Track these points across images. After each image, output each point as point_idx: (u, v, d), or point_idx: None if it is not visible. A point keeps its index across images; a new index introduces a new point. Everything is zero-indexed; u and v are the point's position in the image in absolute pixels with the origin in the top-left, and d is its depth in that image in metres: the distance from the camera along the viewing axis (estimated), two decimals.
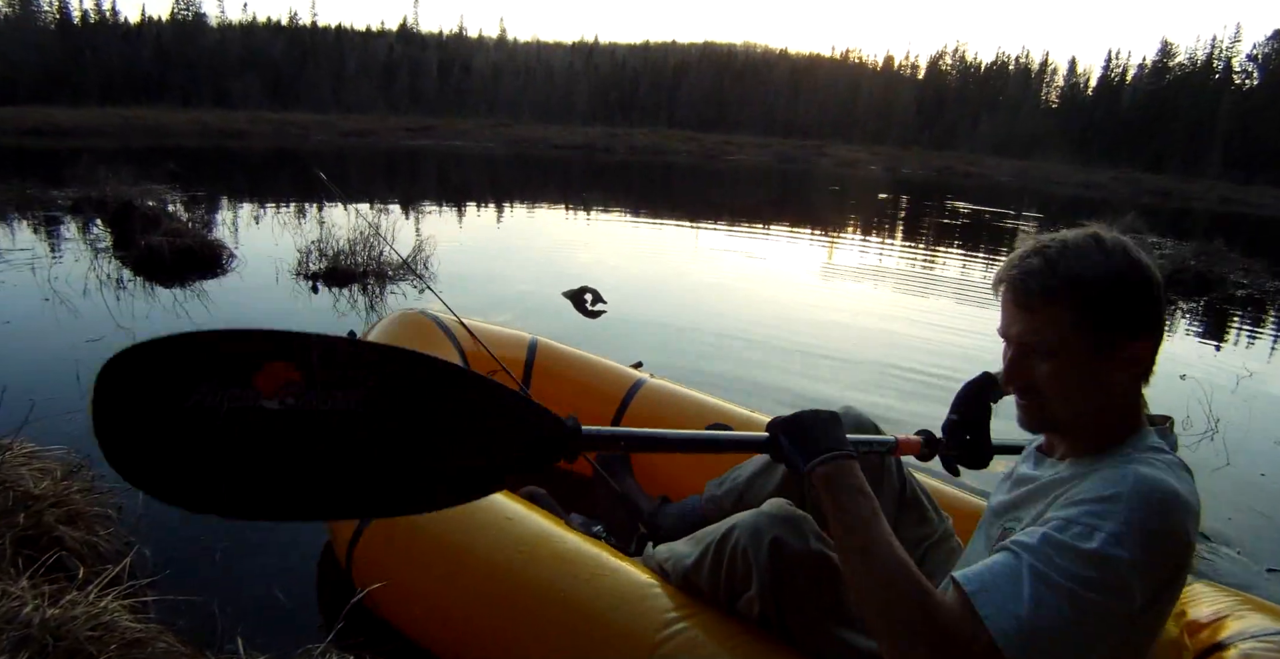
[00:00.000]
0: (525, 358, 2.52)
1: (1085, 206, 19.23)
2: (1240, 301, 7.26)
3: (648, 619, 1.29)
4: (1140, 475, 0.94)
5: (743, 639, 1.24)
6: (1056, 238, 1.06)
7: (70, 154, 11.52)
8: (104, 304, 4.26)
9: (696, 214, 11.79)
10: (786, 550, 1.23)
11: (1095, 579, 0.87)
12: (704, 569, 1.33)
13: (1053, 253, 1.04)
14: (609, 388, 2.40)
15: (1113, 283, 1.02)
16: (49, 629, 1.32)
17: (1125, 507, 0.90)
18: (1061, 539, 0.90)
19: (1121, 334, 1.03)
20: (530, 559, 1.45)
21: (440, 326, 2.46)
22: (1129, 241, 1.06)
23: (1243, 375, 4.42)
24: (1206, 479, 2.85)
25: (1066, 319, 1.02)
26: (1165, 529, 0.90)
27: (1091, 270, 1.02)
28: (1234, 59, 58.38)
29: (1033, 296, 1.04)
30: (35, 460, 1.97)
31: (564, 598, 1.37)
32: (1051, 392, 1.06)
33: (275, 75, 63.01)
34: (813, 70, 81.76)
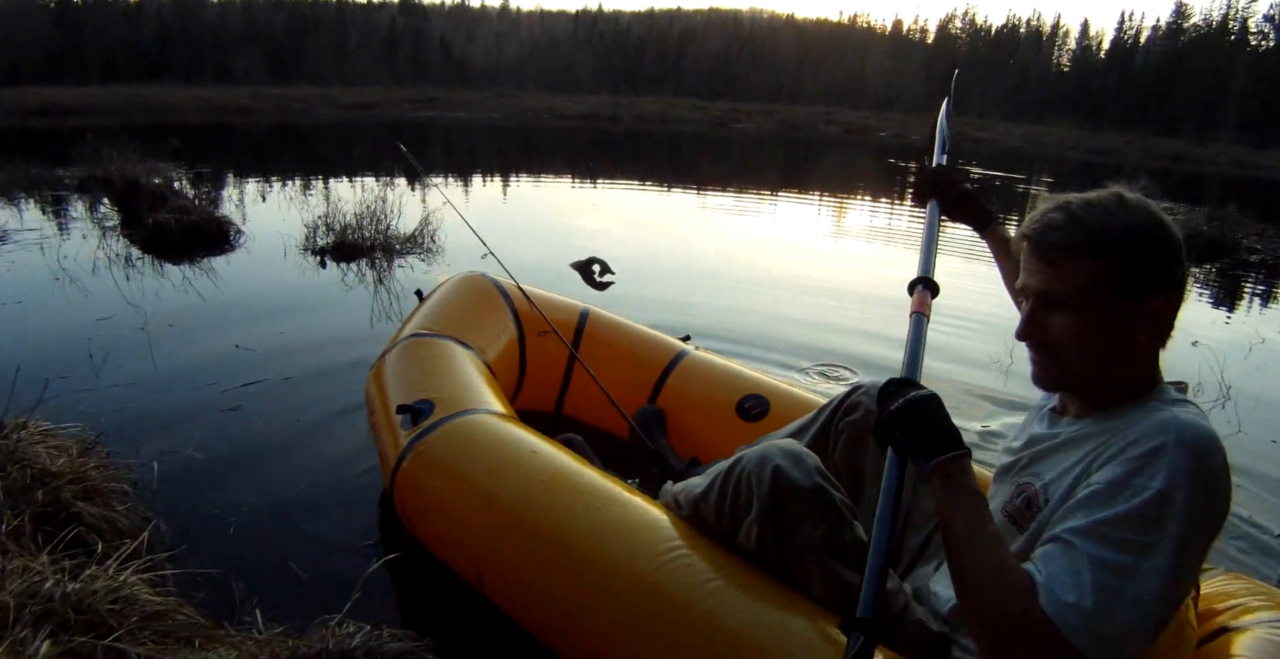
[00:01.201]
0: (576, 324, 2.63)
1: (1097, 171, 18.99)
2: (1254, 267, 7.19)
3: (649, 547, 1.36)
4: (1181, 422, 0.96)
5: (737, 571, 1.30)
6: (1080, 195, 1.08)
7: (74, 133, 11.51)
8: (114, 282, 4.27)
9: (704, 182, 11.70)
10: (785, 480, 1.29)
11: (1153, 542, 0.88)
12: (711, 495, 1.39)
13: (1076, 208, 1.06)
14: (652, 357, 2.52)
15: (1134, 237, 1.03)
16: (70, 603, 1.34)
17: (1171, 457, 0.92)
18: (1112, 514, 0.91)
19: (1142, 289, 1.03)
20: (546, 488, 1.56)
21: (498, 289, 2.60)
22: (1150, 201, 1.06)
23: (1255, 342, 4.38)
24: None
25: (1087, 271, 1.03)
26: (1214, 471, 0.92)
27: (1114, 224, 1.03)
28: (1250, 20, 57.18)
29: (1055, 249, 1.05)
30: (51, 438, 2.00)
31: (572, 524, 1.46)
32: (1069, 347, 1.07)
33: (276, 50, 62.47)
34: (820, 36, 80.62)
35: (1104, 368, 1.07)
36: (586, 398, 2.55)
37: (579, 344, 2.59)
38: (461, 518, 1.66)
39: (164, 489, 2.07)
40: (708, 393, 2.37)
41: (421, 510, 1.76)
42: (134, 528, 1.83)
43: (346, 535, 1.99)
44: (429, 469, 1.74)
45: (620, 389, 2.37)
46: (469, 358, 2.17)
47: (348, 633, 1.46)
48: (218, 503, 2.10)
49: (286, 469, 2.32)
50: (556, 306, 2.65)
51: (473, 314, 2.48)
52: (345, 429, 2.60)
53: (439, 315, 2.41)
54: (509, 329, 2.53)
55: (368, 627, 1.48)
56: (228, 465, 2.31)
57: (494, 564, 1.57)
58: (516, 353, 2.53)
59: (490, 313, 2.52)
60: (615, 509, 1.47)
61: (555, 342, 2.49)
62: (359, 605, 1.55)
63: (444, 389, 1.94)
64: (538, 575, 1.47)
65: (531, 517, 1.52)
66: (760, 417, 2.20)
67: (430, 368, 2.07)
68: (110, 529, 1.78)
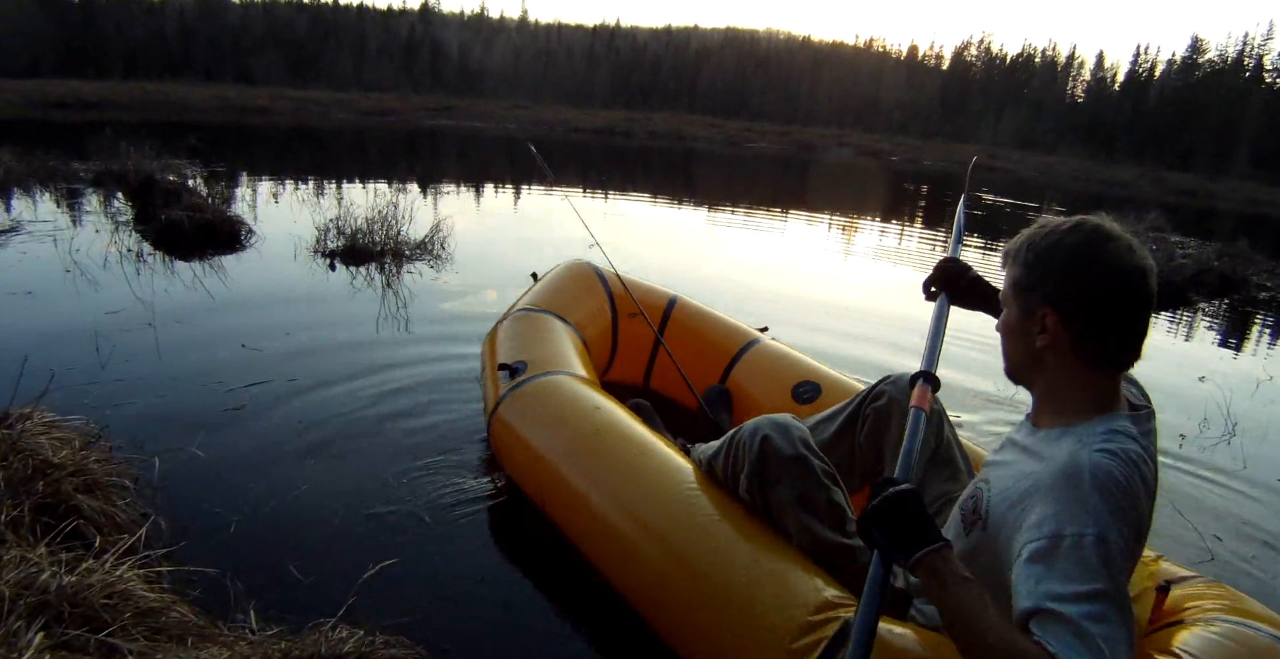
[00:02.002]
0: (664, 309, 2.99)
1: (1109, 204, 19.01)
2: (1263, 304, 7.17)
3: (671, 489, 1.71)
4: (1079, 464, 1.06)
5: (734, 513, 1.63)
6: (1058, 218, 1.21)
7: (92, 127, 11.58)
8: (124, 277, 4.29)
9: (715, 199, 11.73)
10: (771, 447, 1.59)
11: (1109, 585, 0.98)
12: (720, 456, 1.71)
13: (1035, 226, 1.22)
14: (727, 343, 2.84)
15: (1052, 254, 1.16)
16: (65, 596, 1.34)
17: (1093, 504, 1.02)
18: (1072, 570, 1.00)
19: (1038, 299, 1.17)
20: (599, 436, 1.93)
21: (598, 276, 3.02)
22: (1121, 237, 1.15)
23: (1263, 380, 4.36)
24: (1222, 484, 2.82)
25: (1012, 276, 1.22)
26: (1127, 501, 1.03)
27: (1044, 241, 1.17)
28: (1265, 57, 57.30)
29: (1006, 257, 1.25)
30: (54, 430, 2.00)
31: (615, 465, 1.83)
32: (1002, 340, 1.27)
33: (297, 53, 63.01)
34: (835, 58, 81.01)
35: (1028, 371, 1.23)
36: (668, 375, 2.88)
37: (665, 327, 2.95)
38: (533, 454, 2.05)
39: (165, 486, 2.07)
40: (769, 377, 2.65)
41: (507, 447, 2.19)
42: (132, 523, 1.82)
43: (345, 540, 1.98)
44: (515, 415, 2.16)
45: (696, 369, 2.76)
46: (565, 331, 2.59)
47: (340, 637, 1.45)
48: (218, 502, 2.10)
49: (288, 471, 2.32)
50: (648, 293, 3.03)
51: (573, 295, 2.90)
52: (349, 434, 2.60)
53: (545, 294, 2.85)
54: (604, 310, 2.95)
55: (360, 632, 1.48)
56: (230, 465, 2.31)
57: (554, 492, 1.95)
58: (609, 331, 2.95)
59: (589, 295, 2.94)
60: (652, 458, 1.82)
61: (644, 323, 2.86)
62: (354, 610, 1.54)
63: (537, 354, 2.36)
64: (584, 503, 1.82)
65: (584, 457, 1.90)
66: (810, 400, 2.46)
67: (530, 337, 2.50)
68: (109, 523, 1.78)
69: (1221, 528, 2.44)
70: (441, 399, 2.91)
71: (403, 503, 2.18)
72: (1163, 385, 3.97)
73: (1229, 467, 2.97)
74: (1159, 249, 8.12)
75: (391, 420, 2.70)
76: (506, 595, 1.82)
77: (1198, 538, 2.38)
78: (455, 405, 2.85)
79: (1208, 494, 2.69)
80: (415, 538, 2.02)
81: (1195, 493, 2.67)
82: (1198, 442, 3.21)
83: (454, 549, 1.99)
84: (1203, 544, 2.34)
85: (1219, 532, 2.41)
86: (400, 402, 2.87)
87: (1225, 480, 2.84)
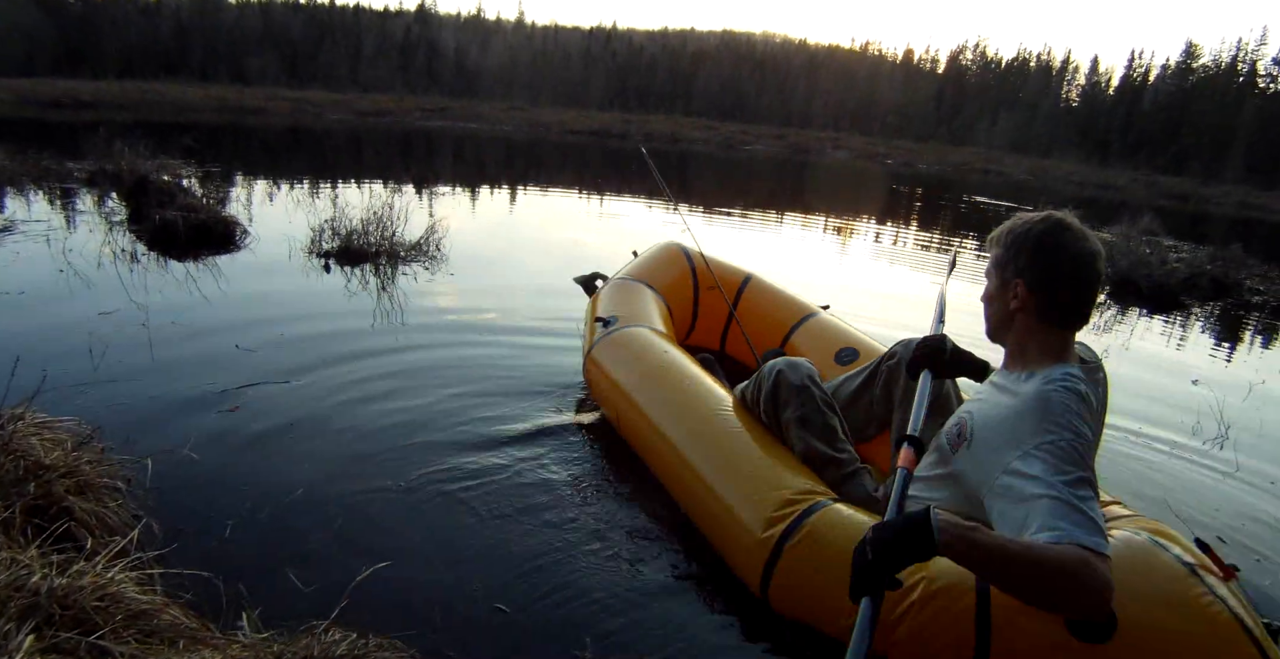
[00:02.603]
0: (740, 284, 3.56)
1: (1103, 207, 19.08)
2: (1256, 308, 7.20)
3: (712, 411, 2.28)
4: (1047, 392, 1.44)
5: (757, 430, 2.18)
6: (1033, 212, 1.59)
7: (87, 127, 11.55)
8: (118, 277, 4.28)
9: (711, 202, 11.73)
10: (782, 378, 2.14)
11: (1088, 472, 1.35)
12: (749, 388, 2.25)
13: (1014, 218, 1.60)
14: (789, 315, 3.39)
15: (1024, 238, 1.55)
16: (56, 598, 1.32)
17: (1061, 413, 1.40)
18: (1062, 464, 1.34)
19: (1013, 272, 1.56)
20: (663, 374, 2.53)
21: (684, 253, 3.61)
22: (1077, 227, 1.53)
23: (1255, 383, 4.37)
24: (1216, 487, 2.82)
25: (994, 255, 1.62)
26: (1079, 413, 1.40)
27: (1020, 229, 1.57)
28: (1259, 62, 57.58)
29: (990, 241, 1.64)
30: (47, 430, 1.98)
31: (671, 395, 2.41)
32: (985, 306, 1.65)
33: (293, 53, 62.97)
34: (831, 62, 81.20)
35: (1003, 330, 1.62)
36: (740, 342, 3.41)
37: (739, 299, 3.51)
38: (615, 386, 2.65)
39: (157, 487, 2.06)
40: (819, 343, 3.16)
41: (596, 381, 2.83)
42: (125, 525, 1.81)
43: (339, 543, 1.98)
44: (604, 356, 2.79)
45: (761, 336, 3.34)
46: (652, 297, 3.23)
47: (334, 640, 1.44)
48: (211, 504, 2.09)
49: (282, 473, 2.31)
50: (727, 270, 3.58)
51: (662, 269, 3.50)
52: (342, 436, 2.59)
53: (639, 267, 3.49)
54: (687, 283, 3.52)
55: (354, 634, 1.47)
56: (223, 466, 2.30)
57: (627, 413, 2.55)
58: (691, 300, 3.52)
59: (675, 269, 3.53)
60: (701, 389, 2.39)
61: (721, 296, 3.44)
62: (347, 612, 1.54)
63: (626, 311, 3.01)
64: (647, 421, 2.41)
65: (651, 387, 2.49)
66: (848, 362, 2.93)
67: (622, 299, 3.16)
68: (101, 525, 1.76)
69: (1216, 530, 2.45)
70: (436, 403, 2.90)
71: (397, 505, 2.18)
72: (1157, 388, 3.98)
73: (1223, 469, 2.98)
74: (1152, 253, 8.14)
75: (385, 423, 2.70)
76: (502, 598, 1.81)
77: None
78: (450, 409, 2.85)
79: (1203, 497, 2.70)
80: (409, 540, 2.01)
81: (1190, 496, 2.68)
82: (1192, 444, 3.22)
83: (449, 552, 1.98)
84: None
85: (1215, 534, 2.42)
86: (394, 404, 2.86)
87: (1219, 483, 2.85)
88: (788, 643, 1.75)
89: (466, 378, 3.16)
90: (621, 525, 2.19)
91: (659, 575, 1.96)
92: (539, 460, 2.51)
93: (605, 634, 1.73)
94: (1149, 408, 3.62)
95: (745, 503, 1.92)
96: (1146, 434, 3.24)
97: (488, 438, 2.62)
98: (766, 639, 1.78)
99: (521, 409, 2.89)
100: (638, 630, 1.75)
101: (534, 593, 1.85)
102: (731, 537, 1.94)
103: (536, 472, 2.44)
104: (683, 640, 1.73)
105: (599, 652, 1.67)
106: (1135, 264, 7.53)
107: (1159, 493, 2.67)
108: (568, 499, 2.31)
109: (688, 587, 1.94)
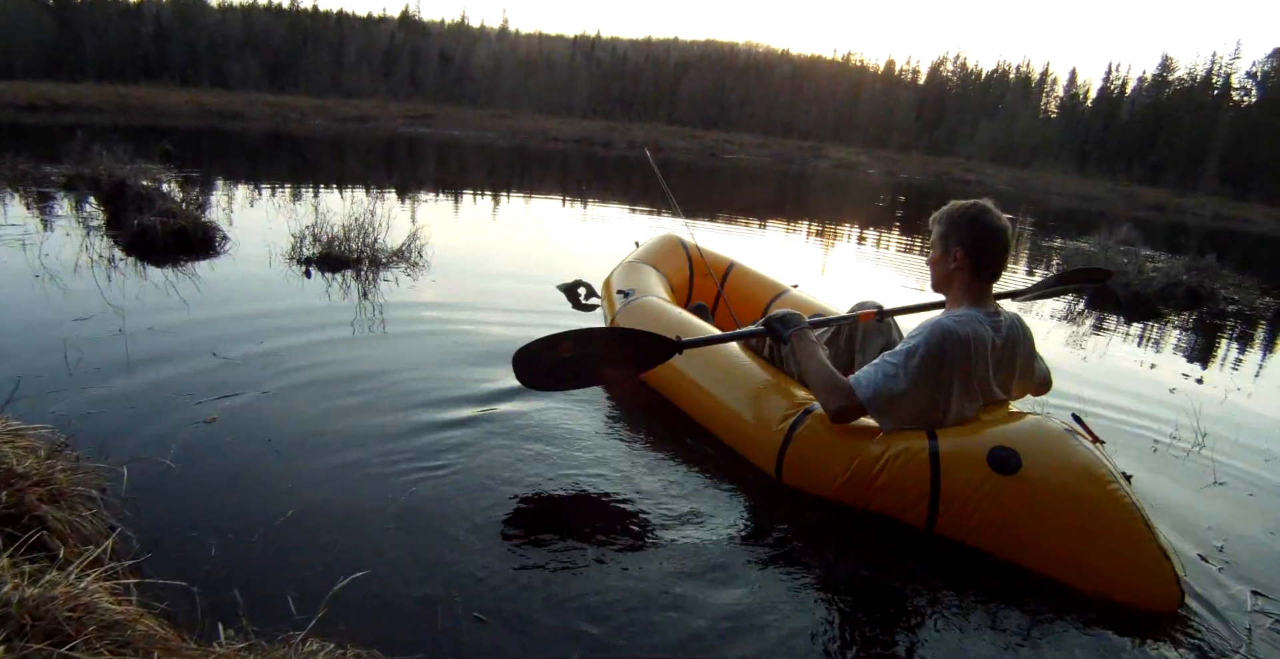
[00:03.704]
0: (725, 269, 4.28)
1: (1082, 216, 19.30)
2: (1230, 317, 7.29)
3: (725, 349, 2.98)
4: (935, 323, 2.28)
5: (760, 361, 2.91)
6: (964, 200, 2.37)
7: (65, 130, 11.43)
8: (95, 283, 4.23)
9: (694, 211, 11.76)
10: (780, 324, 2.66)
11: (899, 361, 2.27)
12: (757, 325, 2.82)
13: (950, 204, 2.36)
14: (766, 293, 4.11)
15: (962, 218, 2.32)
16: (27, 608, 1.30)
17: (924, 334, 2.26)
18: (894, 352, 2.32)
19: (954, 242, 2.33)
20: (680, 328, 3.09)
21: (682, 244, 4.36)
22: (994, 210, 2.32)
23: (1231, 391, 4.43)
24: (1193, 498, 2.84)
25: (938, 231, 2.37)
26: (935, 345, 2.24)
27: (957, 212, 2.34)
28: (1233, 76, 58.57)
29: (932, 221, 2.40)
30: (19, 438, 1.96)
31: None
32: (930, 269, 2.44)
33: (275, 58, 62.67)
34: (814, 72, 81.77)
35: (944, 283, 2.41)
36: (725, 314, 4.04)
37: (726, 279, 4.22)
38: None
39: (133, 497, 2.03)
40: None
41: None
42: (99, 534, 1.79)
43: (317, 552, 1.96)
44: (628, 319, 3.39)
45: (744, 310, 4.01)
46: (657, 277, 3.95)
47: (311, 650, 1.43)
48: (187, 513, 2.06)
49: (259, 482, 2.28)
50: (715, 257, 4.32)
51: (665, 256, 4.25)
52: (320, 444, 2.57)
53: (646, 254, 4.23)
54: (684, 268, 4.27)
55: (331, 644, 1.46)
56: (200, 475, 2.27)
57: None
58: (688, 282, 4.28)
59: (675, 257, 4.28)
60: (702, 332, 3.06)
61: (712, 279, 4.16)
62: (325, 622, 1.52)
63: (640, 286, 3.72)
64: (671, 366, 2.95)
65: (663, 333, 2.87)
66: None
67: (635, 277, 3.87)
68: (74, 534, 1.74)
69: (1190, 539, 2.47)
70: (415, 410, 2.88)
71: (375, 515, 2.16)
72: (1133, 396, 4.02)
73: (1200, 481, 3.00)
74: (1129, 262, 8.23)
75: (364, 432, 2.68)
76: (481, 606, 1.80)
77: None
78: (428, 418, 2.83)
79: (1177, 505, 2.72)
80: (388, 550, 2.00)
81: (1165, 504, 2.70)
82: (1168, 453, 3.25)
83: (427, 562, 1.97)
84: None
85: (1187, 542, 2.44)
86: (372, 412, 2.84)
87: (1195, 495, 2.87)
88: (803, 519, 2.36)
89: (445, 386, 3.15)
90: (602, 532, 2.18)
91: (644, 582, 1.96)
92: (520, 470, 2.50)
93: (593, 636, 1.72)
94: (1126, 416, 3.65)
95: (760, 409, 2.65)
96: (1124, 442, 3.27)
97: (466, 446, 2.61)
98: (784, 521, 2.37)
99: (499, 418, 2.87)
100: (627, 634, 1.74)
101: (514, 603, 1.84)
102: (750, 436, 2.63)
103: (517, 481, 2.43)
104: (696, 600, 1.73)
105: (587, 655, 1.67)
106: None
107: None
108: (549, 508, 2.30)
109: (679, 582, 1.93)
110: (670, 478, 2.55)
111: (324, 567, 1.87)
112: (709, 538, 2.19)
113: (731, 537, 2.22)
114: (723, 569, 2.04)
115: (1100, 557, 2.05)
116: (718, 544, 2.16)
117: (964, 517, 2.20)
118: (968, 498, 2.18)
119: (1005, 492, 2.14)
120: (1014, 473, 2.12)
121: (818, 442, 2.45)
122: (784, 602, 1.94)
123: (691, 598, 1.91)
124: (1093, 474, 2.10)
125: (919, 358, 2.23)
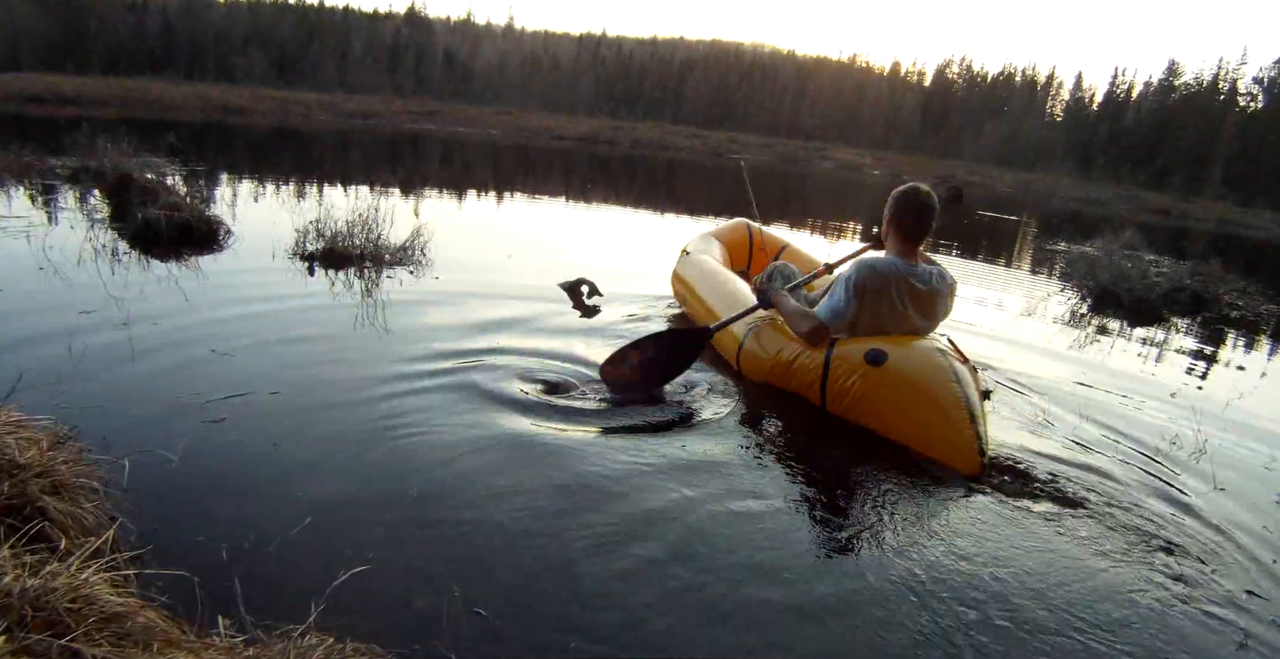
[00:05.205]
0: (779, 248, 5.30)
1: (1086, 220, 19.27)
2: (1233, 322, 7.28)
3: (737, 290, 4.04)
4: (861, 260, 3.29)
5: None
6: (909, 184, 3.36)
7: (70, 123, 11.45)
8: (98, 275, 4.23)
9: (696, 209, 11.77)
10: (762, 296, 3.53)
11: (839, 288, 3.24)
12: (761, 276, 3.95)
13: (897, 188, 3.30)
14: (807, 268, 4.52)
15: (893, 194, 3.27)
16: (28, 599, 1.30)
17: (852, 268, 3.24)
18: (834, 284, 3.34)
19: (891, 214, 3.27)
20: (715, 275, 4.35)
21: (748, 228, 5.48)
22: (925, 189, 3.24)
23: (1233, 398, 4.41)
24: (1193, 504, 2.83)
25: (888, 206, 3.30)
26: (860, 273, 3.18)
27: (895, 191, 3.28)
28: (1239, 81, 58.43)
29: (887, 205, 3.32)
30: (22, 429, 1.96)
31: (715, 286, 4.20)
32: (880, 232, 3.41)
33: (280, 53, 62.71)
34: (819, 73, 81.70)
35: (881, 240, 3.39)
36: None
37: (779, 256, 5.15)
38: (689, 287, 4.47)
39: (134, 489, 2.03)
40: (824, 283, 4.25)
41: (678, 286, 4.71)
42: (100, 526, 1.79)
43: (318, 546, 1.96)
44: (683, 269, 4.66)
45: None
46: (718, 246, 5.09)
47: (310, 644, 1.43)
48: (188, 506, 2.07)
49: (259, 475, 2.29)
50: (771, 239, 5.41)
51: (730, 232, 5.44)
52: (321, 438, 2.57)
53: (718, 230, 5.45)
54: (744, 243, 5.40)
55: (330, 639, 1.46)
56: (201, 468, 2.27)
57: (693, 300, 4.35)
58: (747, 255, 5.38)
59: (738, 234, 5.44)
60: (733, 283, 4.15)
61: (766, 254, 5.18)
62: (325, 616, 1.53)
63: (703, 250, 4.85)
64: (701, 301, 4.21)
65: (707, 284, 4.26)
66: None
67: (701, 246, 4.97)
68: (76, 526, 1.74)
69: (1195, 546, 2.46)
70: (416, 409, 2.88)
71: (375, 510, 2.16)
72: (1135, 402, 4.01)
73: (1200, 488, 2.99)
74: (1134, 267, 8.23)
75: (365, 428, 2.68)
76: (480, 601, 1.80)
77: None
78: (429, 415, 2.83)
79: (1178, 513, 2.71)
80: (388, 545, 2.00)
81: (1165, 506, 2.69)
82: (1169, 459, 3.23)
83: (427, 557, 1.97)
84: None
85: (1188, 550, 2.43)
86: (374, 409, 2.85)
87: (1196, 502, 2.86)
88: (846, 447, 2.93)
89: (445, 385, 3.15)
90: (601, 530, 2.18)
91: (641, 576, 1.96)
92: (523, 467, 2.50)
93: (592, 629, 1.72)
94: (1127, 421, 3.65)
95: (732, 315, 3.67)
96: (1124, 447, 3.26)
97: (469, 443, 2.61)
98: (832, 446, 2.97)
99: (501, 415, 2.88)
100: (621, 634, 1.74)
101: (513, 597, 1.84)
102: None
103: (517, 480, 2.43)
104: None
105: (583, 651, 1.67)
106: (1117, 277, 7.61)
107: (1131, 501, 2.68)
108: (552, 506, 2.30)
109: (678, 577, 1.93)
110: (670, 476, 2.55)
111: (324, 561, 1.87)
112: (708, 530, 2.19)
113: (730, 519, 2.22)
114: (729, 564, 2.04)
115: (930, 430, 2.80)
116: (721, 538, 2.16)
117: (843, 395, 3.05)
118: (846, 381, 3.03)
119: (871, 377, 2.97)
120: (881, 365, 2.95)
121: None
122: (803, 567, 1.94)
123: (692, 591, 1.91)
124: (938, 372, 2.87)
125: (851, 282, 3.16)
